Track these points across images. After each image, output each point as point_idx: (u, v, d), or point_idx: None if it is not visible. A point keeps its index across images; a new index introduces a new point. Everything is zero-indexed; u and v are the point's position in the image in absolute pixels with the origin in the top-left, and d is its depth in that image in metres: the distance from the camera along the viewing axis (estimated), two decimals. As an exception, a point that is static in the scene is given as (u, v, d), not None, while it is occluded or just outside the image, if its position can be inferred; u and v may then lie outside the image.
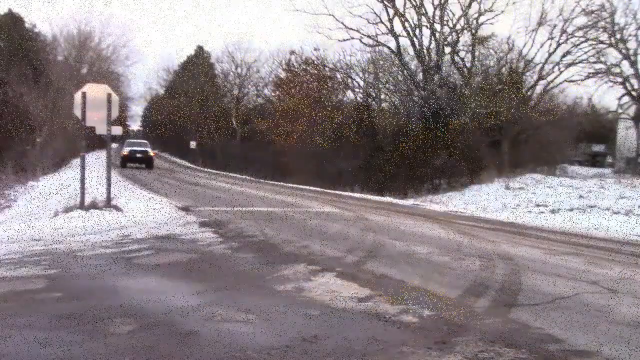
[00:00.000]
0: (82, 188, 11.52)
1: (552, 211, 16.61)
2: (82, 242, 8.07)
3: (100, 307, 4.74)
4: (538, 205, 17.68)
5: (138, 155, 35.80)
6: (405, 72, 33.51)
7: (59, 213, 11.05)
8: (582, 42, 29.26)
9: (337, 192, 23.28)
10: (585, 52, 29.45)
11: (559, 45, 29.40)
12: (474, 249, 8.29)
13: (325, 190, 23.40)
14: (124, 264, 6.69)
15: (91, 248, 7.66)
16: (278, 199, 16.65)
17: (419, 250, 8.00)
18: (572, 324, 4.67)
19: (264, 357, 3.66)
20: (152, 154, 36.85)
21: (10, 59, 37.56)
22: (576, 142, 40.60)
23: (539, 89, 31.57)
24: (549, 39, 29.59)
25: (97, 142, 44.34)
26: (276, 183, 28.38)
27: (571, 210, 16.51)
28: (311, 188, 24.64)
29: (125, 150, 36.37)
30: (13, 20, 55.58)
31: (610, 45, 28.79)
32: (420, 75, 33.11)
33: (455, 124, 26.55)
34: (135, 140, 41.81)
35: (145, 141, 40.90)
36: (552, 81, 30.93)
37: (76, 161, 31.87)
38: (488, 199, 19.89)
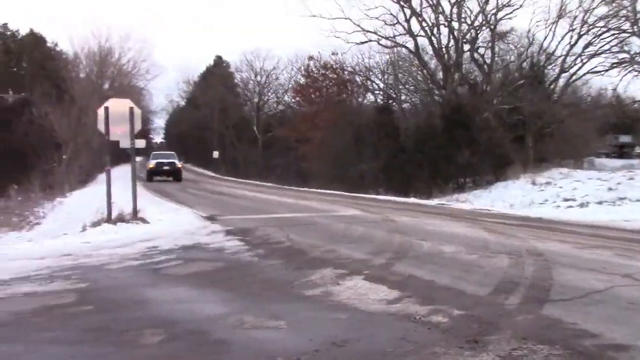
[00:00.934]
0: (109, 202, 11.65)
1: (581, 205, 16.36)
2: (110, 255, 8.16)
3: (130, 318, 4.78)
4: (566, 200, 17.44)
5: (165, 167, 33.70)
6: (424, 71, 33.40)
7: (87, 227, 11.19)
8: (603, 33, 28.89)
9: (360, 195, 23.21)
10: (608, 42, 29.09)
11: (580, 36, 29.06)
12: (502, 246, 8.19)
13: (349, 194, 23.35)
14: (152, 275, 6.75)
15: (119, 261, 7.73)
16: (302, 205, 16.66)
17: (447, 250, 7.93)
18: (607, 317, 4.58)
19: (294, 363, 3.64)
20: (179, 165, 34.40)
21: (34, 78, 38.28)
22: (602, 133, 39.97)
23: (561, 82, 31.24)
24: (569, 30, 29.28)
25: (121, 156, 44.67)
26: (299, 189, 28.41)
27: (600, 203, 16.24)
28: (334, 192, 24.60)
29: (152, 163, 34.36)
30: (35, 40, 56.65)
31: (633, 33, 28.34)
32: (440, 74, 32.98)
33: (477, 121, 26.32)
34: (161, 152, 39.65)
35: (172, 152, 38.54)
36: (574, 73, 30.58)
37: (102, 176, 32.21)
38: (514, 196, 19.67)
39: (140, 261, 7.68)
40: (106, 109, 11.59)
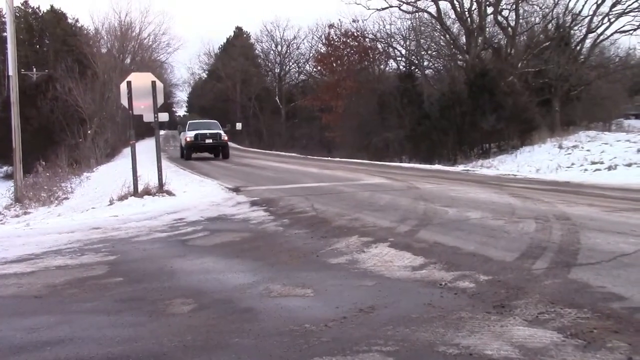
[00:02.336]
0: (135, 176, 11.79)
1: (609, 168, 16.11)
2: (138, 228, 8.30)
3: (160, 289, 4.88)
4: (594, 163, 17.18)
5: (208, 140, 26.67)
6: (447, 36, 32.89)
7: (115, 201, 11.36)
8: (632, -10, 28.01)
9: (385, 163, 23.17)
10: (636, 0, 28.19)
11: (607, -6, 28.23)
12: (528, 211, 8.14)
13: (373, 162, 23.32)
14: (180, 246, 6.86)
15: (147, 233, 7.86)
16: (326, 174, 16.68)
17: (472, 216, 7.90)
18: (636, 280, 4.54)
19: (321, 329, 3.70)
20: (225, 138, 27.39)
21: (56, 55, 38.55)
22: (631, 94, 39.10)
23: (588, 42, 30.51)
24: (596, -11, 28.44)
25: (146, 130, 44.74)
26: (323, 158, 28.43)
27: (629, 165, 15.97)
28: (358, 161, 24.58)
29: (189, 136, 26.68)
30: (56, 16, 56.96)
31: (663, -10, 27.46)
32: (463, 39, 32.43)
33: (502, 86, 25.93)
34: (200, 121, 30.91)
35: (215, 121, 30.35)
36: (602, 33, 29.83)
37: (127, 150, 32.56)
38: (541, 160, 19.44)
39: (168, 233, 7.80)
40: (128, 83, 11.66)
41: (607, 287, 4.37)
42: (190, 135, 26.70)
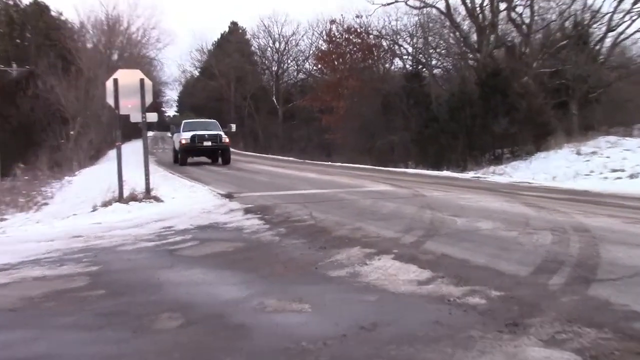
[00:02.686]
0: (120, 180, 11.78)
1: (631, 176, 16.09)
2: (122, 237, 8.26)
3: (146, 302, 4.85)
4: (614, 171, 17.17)
5: (206, 143, 24.76)
6: (457, 34, 32.93)
7: (98, 207, 11.34)
8: (655, -15, 28.05)
9: (389, 168, 23.15)
10: (660, -3, 28.23)
11: (629, -10, 28.28)
12: (544, 222, 8.11)
13: (377, 168, 23.31)
14: (168, 256, 6.82)
15: (132, 242, 7.83)
16: (326, 180, 16.66)
17: (483, 226, 7.88)
18: (660, 298, 4.51)
19: (319, 348, 3.67)
20: (226, 140, 25.24)
21: (39, 50, 38.58)
22: (654, 98, 39.09)
23: (608, 42, 30.50)
24: (617, -16, 28.50)
25: (133, 131, 44.59)
26: (323, 163, 28.42)
27: (653, 173, 15.97)
28: (361, 166, 24.57)
29: (184, 137, 24.87)
30: (39, 9, 57.01)
31: (689, -14, 27.52)
32: (474, 36, 32.48)
33: (516, 87, 25.95)
34: (197, 120, 29.83)
35: (214, 120, 28.82)
36: (622, 32, 29.81)
37: (112, 152, 32.54)
38: (557, 167, 19.42)
39: (155, 242, 7.77)
40: (115, 80, 11.66)
41: (629, 305, 4.33)
42: (185, 136, 24.80)
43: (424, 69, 36.80)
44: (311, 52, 54.66)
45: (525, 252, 6.25)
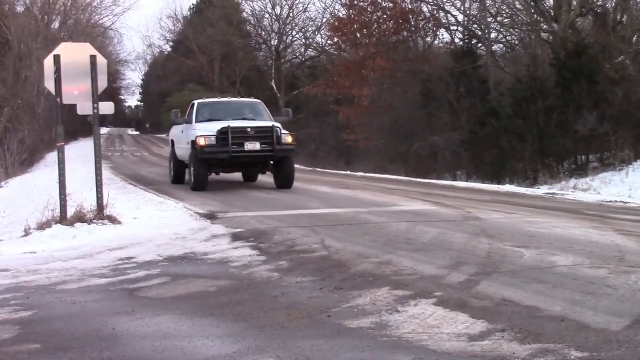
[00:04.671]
0: (63, 193, 11.80)
1: None
2: (65, 271, 8.29)
3: (96, 360, 4.88)
4: None
5: (251, 145, 17.69)
6: (526, -5, 32.91)
7: (32, 231, 11.37)
8: None
9: (430, 181, 23.12)
10: None
11: None
12: (644, 257, 8.11)
13: (413, 180, 23.28)
14: (127, 298, 6.85)
15: (79, 279, 7.86)
16: (343, 195, 16.67)
17: (560, 262, 7.86)
18: None
19: None
20: (288, 139, 18.45)
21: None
22: None
23: None
24: None
25: (80, 126, 44.51)
26: (339, 172, 28.43)
27: None
28: (392, 177, 24.56)
29: (203, 133, 17.76)
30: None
31: None
32: (550, 0, 32.45)
33: (608, 70, 25.90)
34: (224, 100, 22.84)
35: (256, 100, 22.26)
36: None
37: (52, 156, 32.62)
38: (665, 181, 19.38)
39: (109, 279, 7.79)
40: (56, 57, 11.71)
41: None
42: (204, 131, 17.91)
43: (480, 45, 36.81)
44: (324, 20, 54.82)
45: (619, 297, 6.24)
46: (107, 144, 56.78)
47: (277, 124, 18.72)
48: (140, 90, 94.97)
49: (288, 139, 18.53)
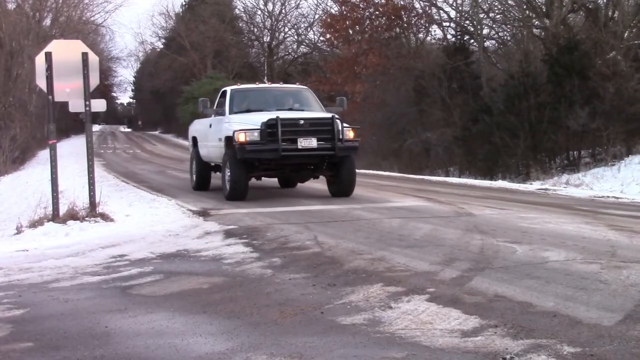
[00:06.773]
0: (55, 191, 11.78)
1: None
2: (58, 269, 8.28)
3: (89, 359, 4.87)
4: None
5: (307, 141, 14.52)
6: (518, -9, 32.96)
7: (24, 229, 11.36)
8: None
9: (423, 177, 23.14)
10: None
11: None
12: (637, 252, 8.11)
13: (406, 176, 23.31)
14: (119, 296, 6.84)
15: (71, 277, 7.85)
16: (337, 193, 16.67)
17: (552, 257, 7.87)
18: None
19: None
20: (351, 134, 15.08)
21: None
22: None
23: None
24: None
25: (73, 124, 44.44)
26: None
27: None
28: (385, 173, 24.58)
29: (244, 126, 14.56)
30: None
31: None
32: (542, -4, 32.49)
33: (600, 66, 25.94)
34: (264, 87, 19.96)
35: (303, 87, 19.22)
36: None
37: (44, 153, 32.57)
38: (657, 176, 19.41)
39: (102, 276, 7.79)
40: (48, 55, 11.70)
41: None
42: (245, 124, 14.80)
43: (472, 41, 36.82)
44: (317, 16, 54.84)
45: (611, 293, 6.25)
46: (100, 142, 56.79)
47: (336, 116, 15.14)
48: (133, 88, 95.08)
49: (350, 134, 15.14)
